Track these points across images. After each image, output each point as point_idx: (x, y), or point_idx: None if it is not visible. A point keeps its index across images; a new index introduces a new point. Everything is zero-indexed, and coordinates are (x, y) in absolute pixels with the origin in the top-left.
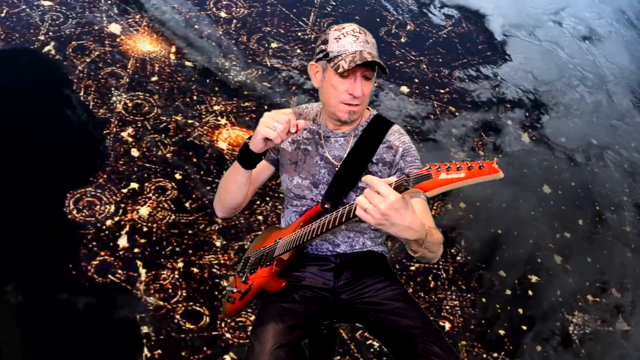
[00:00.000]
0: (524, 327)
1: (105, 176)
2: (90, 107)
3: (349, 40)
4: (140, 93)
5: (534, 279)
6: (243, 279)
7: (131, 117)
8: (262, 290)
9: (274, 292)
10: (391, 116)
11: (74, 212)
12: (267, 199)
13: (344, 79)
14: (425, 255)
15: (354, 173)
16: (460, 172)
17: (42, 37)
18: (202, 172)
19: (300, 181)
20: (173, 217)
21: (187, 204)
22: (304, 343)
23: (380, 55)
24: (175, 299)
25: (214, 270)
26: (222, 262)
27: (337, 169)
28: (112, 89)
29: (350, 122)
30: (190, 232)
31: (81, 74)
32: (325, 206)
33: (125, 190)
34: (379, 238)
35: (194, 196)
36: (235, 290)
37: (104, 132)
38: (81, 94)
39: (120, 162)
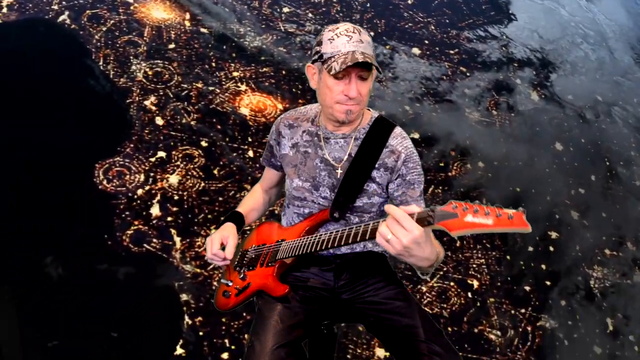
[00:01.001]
0: (548, 283)
1: (132, 145)
2: (111, 76)
3: (342, 41)
4: (159, 61)
5: (553, 235)
6: (241, 276)
7: (152, 85)
8: (262, 290)
9: (275, 296)
10: (408, 78)
11: (104, 182)
12: None
13: (339, 80)
14: (430, 271)
15: (359, 179)
16: (487, 219)
17: (55, 7)
18: (227, 139)
19: (301, 183)
20: (203, 184)
21: (215, 171)
22: (304, 343)
23: (376, 55)
24: (211, 266)
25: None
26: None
27: (337, 170)
28: (131, 57)
29: (349, 122)
30: (220, 199)
31: (99, 43)
32: (335, 215)
33: (153, 159)
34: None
35: (221, 163)
36: (230, 284)
37: (127, 101)
38: (100, 63)
39: (146, 131)
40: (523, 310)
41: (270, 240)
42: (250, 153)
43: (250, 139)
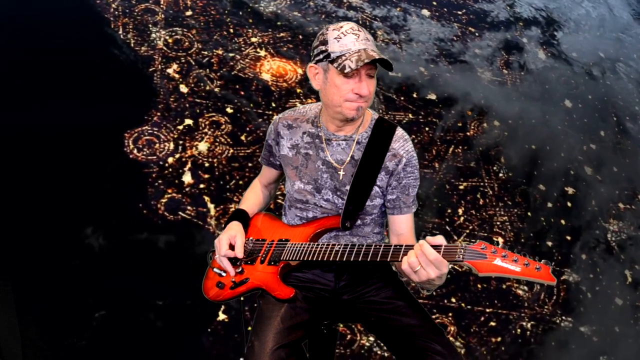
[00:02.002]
0: (569, 238)
1: (158, 114)
2: (132, 45)
3: (351, 39)
4: (178, 28)
5: (570, 190)
6: (239, 269)
7: (174, 53)
8: (261, 288)
9: (278, 298)
10: (422, 40)
11: (135, 151)
12: None
13: (349, 79)
14: (433, 290)
15: (366, 186)
16: (515, 266)
17: None
18: (251, 105)
19: (303, 186)
20: (231, 151)
21: (242, 137)
22: (304, 343)
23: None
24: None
25: (279, 200)
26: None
27: (339, 172)
28: (150, 25)
29: (355, 120)
30: (250, 164)
31: (116, 12)
32: (346, 225)
33: (180, 127)
34: (381, 241)
35: (248, 129)
36: (224, 275)
37: (150, 69)
38: (120, 32)
39: (171, 99)
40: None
41: (270, 236)
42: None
43: (274, 104)
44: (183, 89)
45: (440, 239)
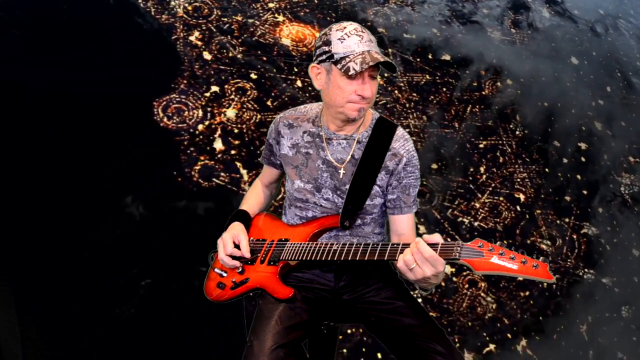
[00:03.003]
0: (585, 192)
1: (185, 82)
2: (153, 13)
3: (354, 41)
4: None
5: (583, 146)
6: (239, 269)
7: (194, 20)
8: (261, 288)
9: (278, 298)
10: (434, 2)
11: (165, 119)
12: None
13: (352, 80)
14: (431, 289)
15: (366, 185)
16: (513, 264)
17: None
18: (274, 70)
19: (302, 185)
20: (259, 116)
21: (269, 103)
22: (304, 343)
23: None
24: (280, 196)
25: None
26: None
27: (340, 171)
28: None
29: (356, 121)
30: None
31: None
32: (345, 224)
33: (207, 94)
34: (381, 241)
35: (273, 94)
36: (225, 275)
37: (173, 37)
38: (140, 0)
39: (196, 67)
40: (567, 220)
41: (270, 236)
42: (299, 83)
43: (296, 69)
44: (206, 56)
45: (437, 237)
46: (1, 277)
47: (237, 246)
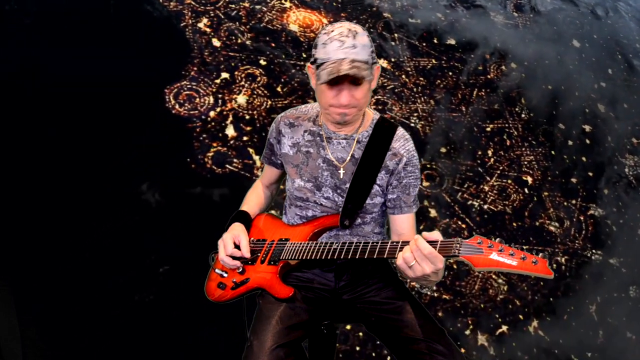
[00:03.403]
0: (590, 174)
1: (195, 68)
2: (161, 0)
3: (334, 47)
4: None
5: (587, 128)
6: (240, 270)
7: (202, 7)
8: (261, 288)
9: (278, 298)
10: None
11: (177, 106)
12: None
13: (331, 86)
14: (431, 287)
15: (366, 185)
16: (512, 260)
17: None
18: (283, 56)
19: (303, 184)
20: (269, 102)
21: (279, 89)
22: (304, 343)
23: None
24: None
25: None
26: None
27: (339, 170)
28: None
29: (347, 124)
30: None
31: None
32: (345, 223)
33: (218, 81)
34: (380, 240)
35: (283, 80)
36: (226, 276)
37: (181, 24)
38: None
39: (206, 54)
40: (574, 202)
41: (271, 236)
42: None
43: (304, 55)
44: (216, 42)
45: (436, 235)
46: (1, 277)
47: (237, 247)
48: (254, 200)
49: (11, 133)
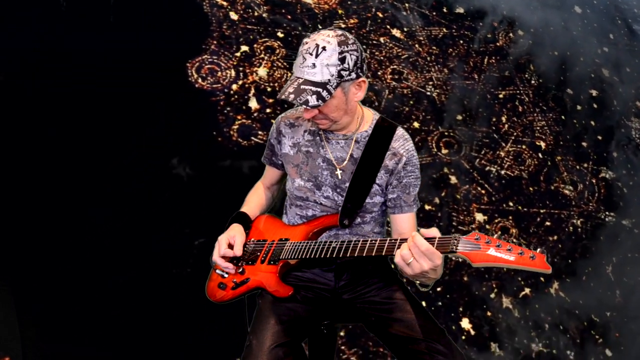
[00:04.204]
0: (600, 137)
1: (215, 42)
2: None
3: (297, 63)
4: None
5: (594, 92)
6: (240, 270)
7: None
8: (261, 288)
9: (278, 297)
10: None
11: (199, 80)
12: None
13: None
14: (431, 285)
15: (365, 184)
16: (509, 255)
17: None
18: (300, 28)
19: (303, 183)
20: (289, 74)
21: None
22: (304, 343)
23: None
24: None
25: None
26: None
27: (337, 171)
28: None
29: (335, 129)
30: None
31: None
32: (344, 222)
33: (238, 54)
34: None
35: None
36: (226, 276)
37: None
38: None
39: (224, 27)
40: (586, 165)
41: (271, 236)
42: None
43: (320, 26)
44: (233, 16)
45: (434, 231)
46: (1, 277)
47: (233, 248)
48: (254, 202)
49: (12, 130)
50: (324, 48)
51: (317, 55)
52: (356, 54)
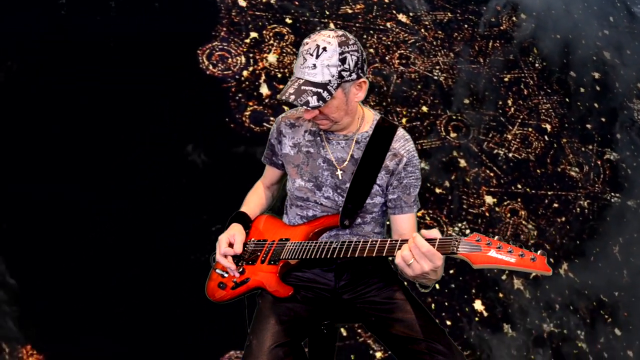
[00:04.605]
0: (603, 119)
1: (224, 29)
2: None
3: (298, 63)
4: None
5: (596, 75)
6: (240, 269)
7: None
8: (261, 288)
9: (278, 297)
10: None
11: (210, 67)
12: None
13: None
14: (431, 286)
15: (366, 185)
16: (510, 257)
17: None
18: (308, 14)
19: (303, 183)
20: None
21: None
22: (304, 343)
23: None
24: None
25: None
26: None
27: (337, 172)
28: None
29: (336, 129)
30: None
31: None
32: (345, 223)
33: (247, 41)
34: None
35: None
36: (226, 276)
37: None
38: None
39: (233, 14)
40: (591, 147)
41: (271, 236)
42: (332, 25)
43: (327, 12)
44: (242, 2)
45: (435, 233)
46: (1, 277)
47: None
48: (254, 202)
49: (16, 128)
50: (324, 49)
51: (317, 56)
52: (357, 54)
